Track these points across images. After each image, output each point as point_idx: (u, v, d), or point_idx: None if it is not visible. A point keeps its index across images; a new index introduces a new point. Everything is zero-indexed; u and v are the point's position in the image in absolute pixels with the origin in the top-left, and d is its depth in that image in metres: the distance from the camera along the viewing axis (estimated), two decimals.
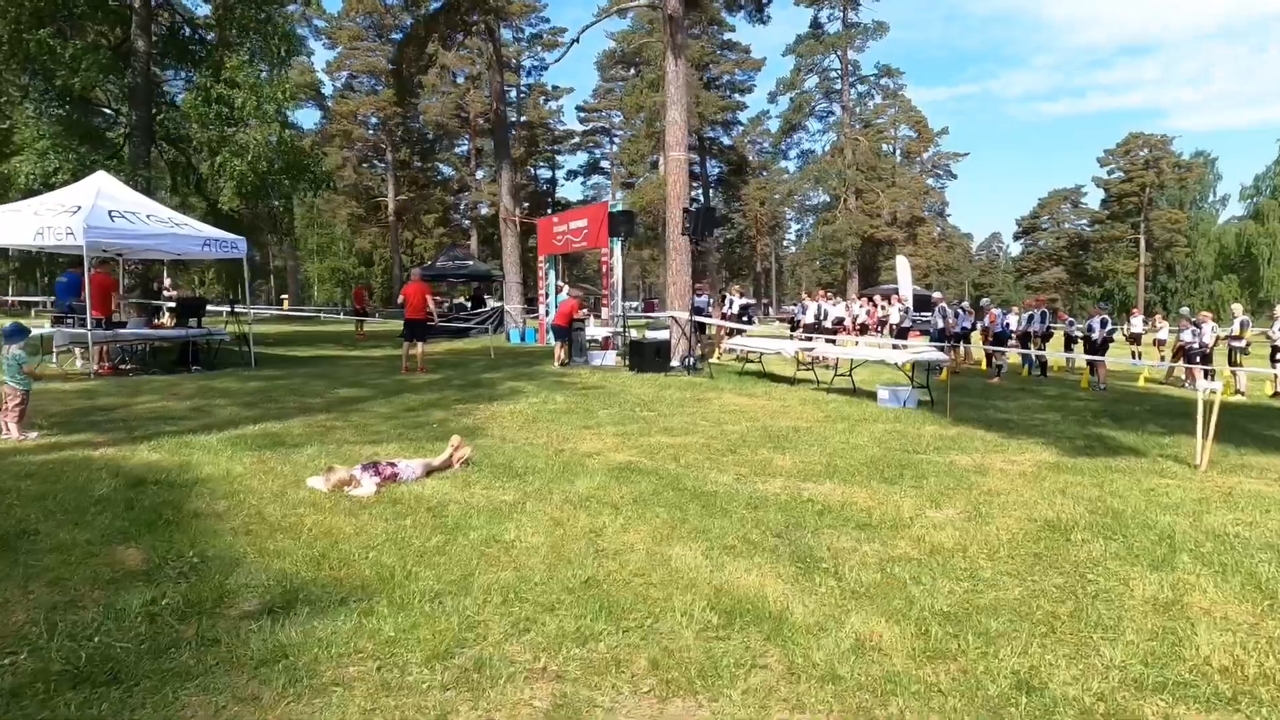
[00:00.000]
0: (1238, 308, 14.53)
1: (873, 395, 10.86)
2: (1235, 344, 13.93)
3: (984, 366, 18.19)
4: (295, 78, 38.31)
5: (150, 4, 15.76)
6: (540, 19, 53.49)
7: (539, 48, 53.91)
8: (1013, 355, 17.34)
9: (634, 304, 57.50)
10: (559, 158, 63.24)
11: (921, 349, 11.81)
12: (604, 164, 62.01)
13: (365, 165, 50.85)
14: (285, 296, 58.58)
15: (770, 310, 59.63)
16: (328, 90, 49.87)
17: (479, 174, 54.77)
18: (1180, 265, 61.32)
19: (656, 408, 9.68)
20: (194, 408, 8.80)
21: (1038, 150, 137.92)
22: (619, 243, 17.77)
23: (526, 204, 55.34)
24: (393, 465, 5.40)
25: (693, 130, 47.05)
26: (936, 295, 17.18)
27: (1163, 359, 20.65)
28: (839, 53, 39.38)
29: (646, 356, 13.97)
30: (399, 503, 4.80)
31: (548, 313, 20.54)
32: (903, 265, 28.85)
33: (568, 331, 14.77)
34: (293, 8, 38.08)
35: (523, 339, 22.14)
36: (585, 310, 15.75)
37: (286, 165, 16.13)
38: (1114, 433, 8.76)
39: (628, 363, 14.44)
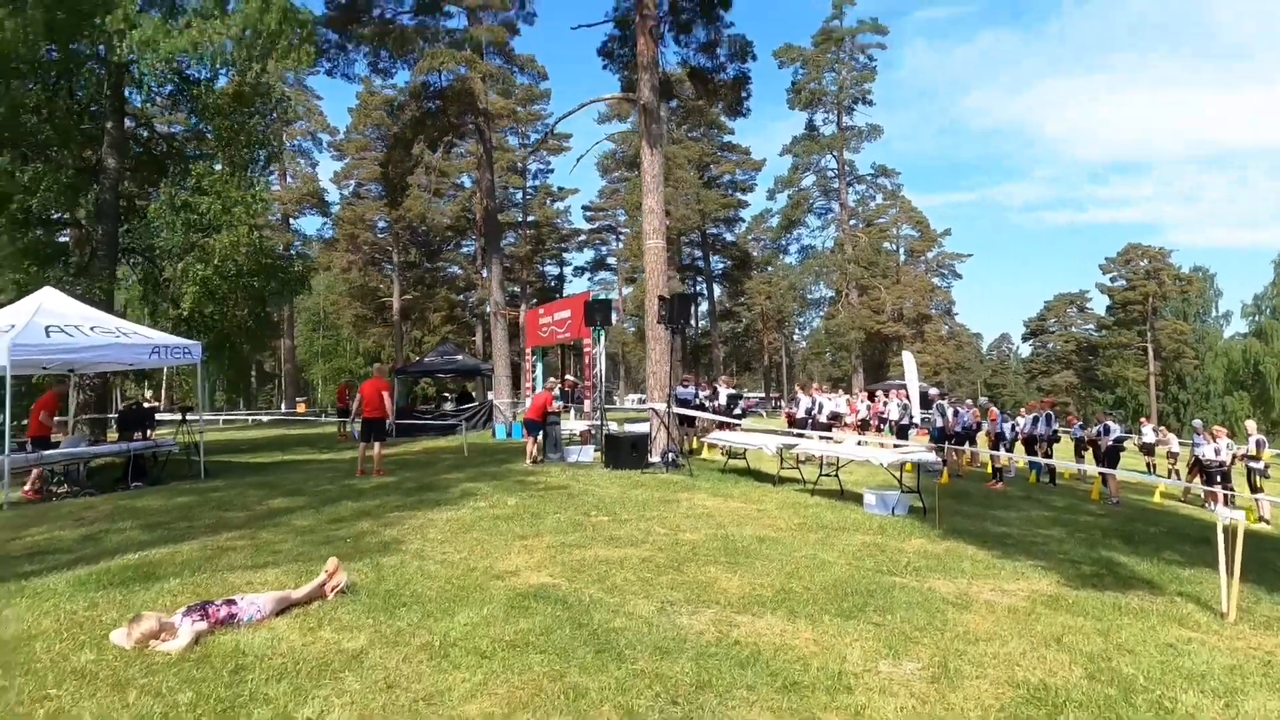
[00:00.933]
0: (1252, 424, 13.43)
1: (861, 499, 9.82)
2: (1253, 465, 12.77)
3: (990, 469, 17.05)
4: (299, 186, 39.49)
5: (124, 126, 15.80)
6: (545, 125, 55.28)
7: (544, 152, 55.40)
8: (1021, 461, 16.27)
9: (643, 396, 56.63)
10: (566, 255, 64.13)
11: (911, 449, 10.82)
12: (610, 260, 62.62)
13: (372, 267, 51.49)
14: (301, 400, 58.27)
15: (781, 404, 58.65)
16: (335, 197, 51.15)
17: (485, 272, 55.33)
18: (1190, 377, 60.32)
19: (615, 511, 8.69)
20: (87, 535, 7.78)
21: (1043, 255, 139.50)
22: (602, 333, 17.16)
23: (535, 299, 55.66)
24: (230, 604, 4.42)
25: (694, 227, 47.58)
26: (933, 392, 16.25)
27: (1173, 473, 19.31)
28: (835, 153, 39.95)
29: (622, 452, 13.01)
30: (208, 660, 3.80)
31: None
32: (909, 361, 28.00)
33: (541, 425, 13.89)
34: (299, 123, 39.66)
35: (509, 434, 21.22)
36: (560, 404, 14.89)
37: (256, 268, 15.75)
38: (1126, 558, 7.65)
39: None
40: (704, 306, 53.25)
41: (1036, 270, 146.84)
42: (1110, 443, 13.68)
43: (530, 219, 57.92)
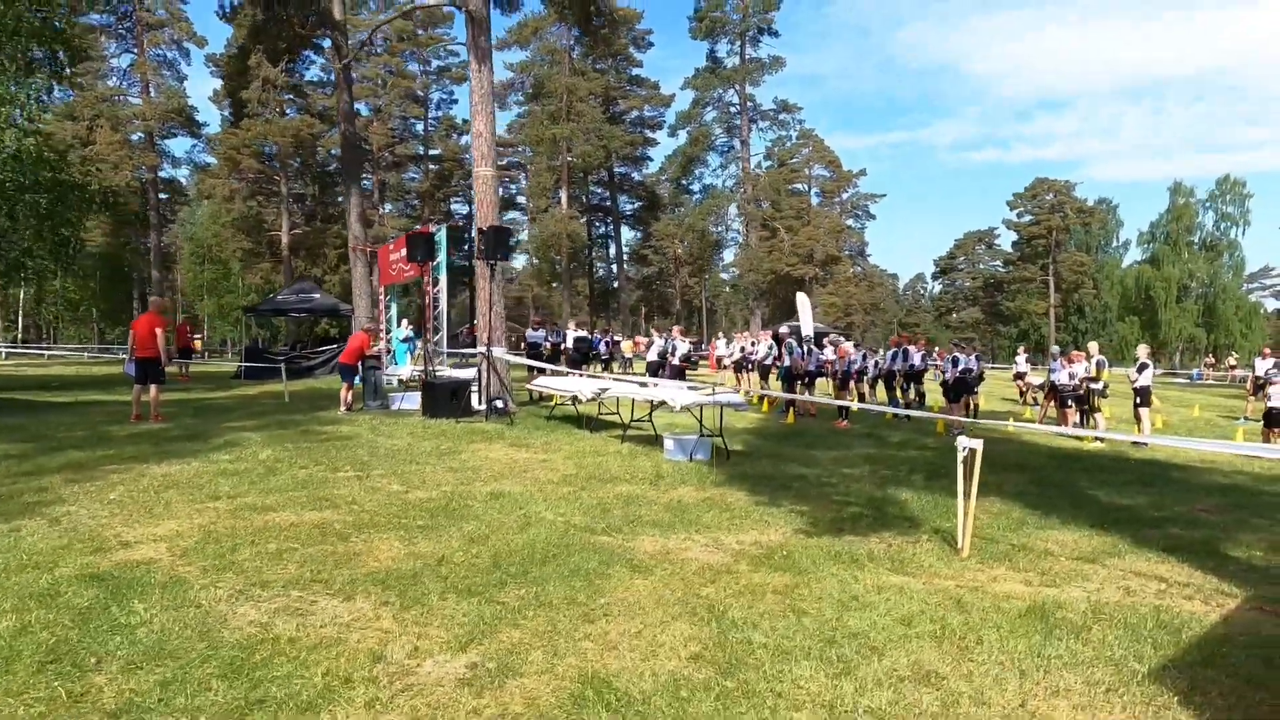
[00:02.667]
0: (1094, 346, 13.33)
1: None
2: (1093, 386, 12.68)
3: (855, 407, 16.76)
4: (164, 102, 36.07)
5: None
6: (449, 52, 52.13)
7: (447, 80, 52.43)
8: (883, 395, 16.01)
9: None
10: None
11: (719, 391, 10.18)
12: (520, 199, 60.41)
13: (262, 198, 47.96)
14: (195, 337, 54.42)
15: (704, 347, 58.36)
16: (216, 118, 47.18)
17: (386, 208, 52.58)
18: (1090, 306, 62.50)
19: (370, 466, 7.72)
20: None
21: (967, 196, 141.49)
22: (444, 271, 15.95)
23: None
24: None
25: (599, 164, 45.88)
26: (784, 330, 15.71)
27: (1035, 400, 19.79)
28: (736, 87, 38.51)
29: (440, 400, 12.01)
30: None
31: (388, 349, 18.52)
32: (803, 302, 27.76)
33: (355, 371, 12.75)
34: (165, 30, 35.93)
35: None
36: (380, 346, 13.73)
37: (39, 181, 13.81)
38: (910, 494, 7.14)
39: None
40: (612, 250, 51.99)
41: (961, 210, 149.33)
42: (957, 374, 13.40)
43: (434, 152, 54.99)
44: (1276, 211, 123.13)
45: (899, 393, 15.46)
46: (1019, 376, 21.18)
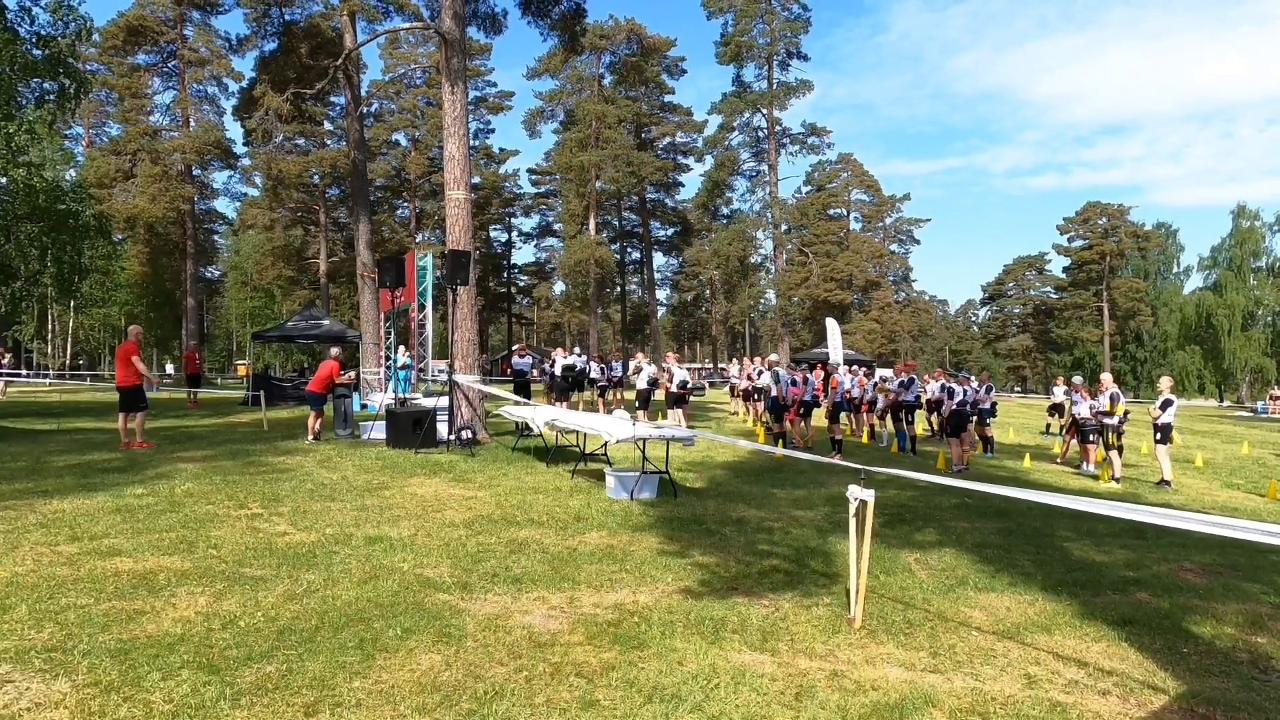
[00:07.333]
0: (1107, 378, 12.21)
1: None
2: (1107, 420, 11.57)
3: (865, 439, 15.87)
4: (202, 135, 37.17)
5: None
6: (487, 83, 53.00)
7: (484, 110, 53.18)
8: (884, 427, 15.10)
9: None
10: (514, 220, 62.13)
11: (665, 426, 9.50)
12: (557, 226, 60.75)
13: (301, 226, 49.21)
14: (242, 363, 56.03)
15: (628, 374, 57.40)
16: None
17: (420, 236, 53.37)
18: (1149, 334, 59.55)
19: (277, 504, 7.25)
20: None
21: (1027, 221, 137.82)
22: (430, 297, 15.69)
23: (479, 264, 53.79)
24: None
25: (631, 191, 45.70)
26: (773, 358, 14.91)
27: (1050, 430, 18.54)
28: (763, 110, 37.86)
29: (402, 429, 11.60)
30: None
31: (390, 375, 18.33)
32: (832, 328, 26.91)
33: (323, 399, 12.44)
34: (206, 68, 37.10)
35: (363, 407, 19.74)
36: (349, 374, 13.41)
37: (34, 211, 14.00)
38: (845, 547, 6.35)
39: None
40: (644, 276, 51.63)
41: (1020, 235, 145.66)
42: (953, 406, 12.40)
43: (473, 180, 55.79)
44: None
45: (904, 424, 14.53)
46: (1055, 409, 19.98)
